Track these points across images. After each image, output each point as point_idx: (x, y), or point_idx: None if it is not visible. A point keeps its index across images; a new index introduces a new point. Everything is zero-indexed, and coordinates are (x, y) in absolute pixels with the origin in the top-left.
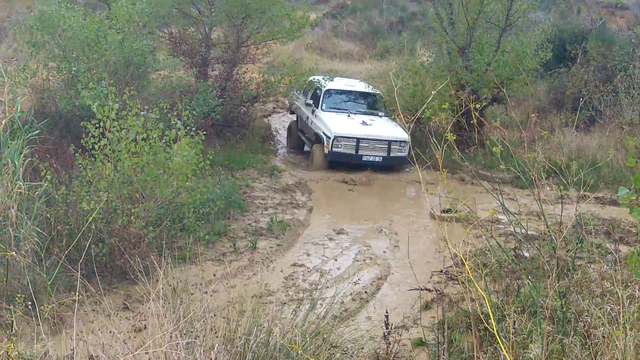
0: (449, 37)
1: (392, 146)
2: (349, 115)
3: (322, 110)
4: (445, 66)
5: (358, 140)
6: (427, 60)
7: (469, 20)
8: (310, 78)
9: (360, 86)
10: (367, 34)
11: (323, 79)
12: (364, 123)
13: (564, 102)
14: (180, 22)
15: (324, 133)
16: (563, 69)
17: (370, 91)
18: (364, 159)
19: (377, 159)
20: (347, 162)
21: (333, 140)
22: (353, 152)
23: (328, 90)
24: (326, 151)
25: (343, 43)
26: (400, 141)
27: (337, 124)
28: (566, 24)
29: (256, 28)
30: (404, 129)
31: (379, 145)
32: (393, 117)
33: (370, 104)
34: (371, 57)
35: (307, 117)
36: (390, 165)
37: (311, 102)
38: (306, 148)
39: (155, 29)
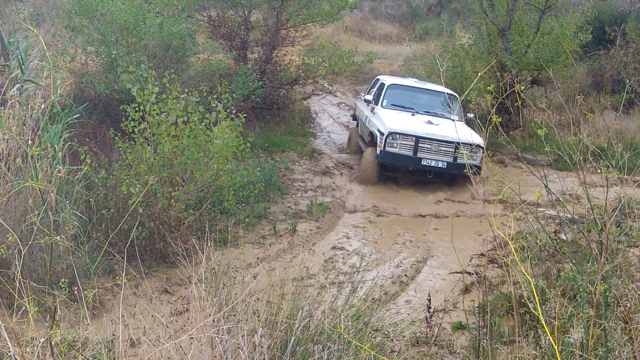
0: (489, 18)
1: (460, 151)
2: (412, 114)
3: (382, 107)
4: (485, 48)
5: (417, 139)
6: (467, 42)
7: (509, 2)
8: (379, 77)
9: (431, 85)
10: (405, 16)
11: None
12: (429, 122)
13: (603, 85)
14: (219, 5)
15: (378, 130)
16: (602, 51)
17: (443, 90)
18: (424, 163)
19: (440, 164)
20: (402, 165)
21: (386, 138)
22: (410, 153)
23: (392, 85)
24: (378, 151)
25: (382, 25)
26: (471, 145)
27: (394, 120)
28: (605, 6)
29: (295, 10)
30: (476, 132)
31: (444, 149)
32: (474, 123)
33: (442, 105)
34: (410, 40)
35: (366, 116)
36: (455, 175)
37: (370, 98)
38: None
39: (194, 12)
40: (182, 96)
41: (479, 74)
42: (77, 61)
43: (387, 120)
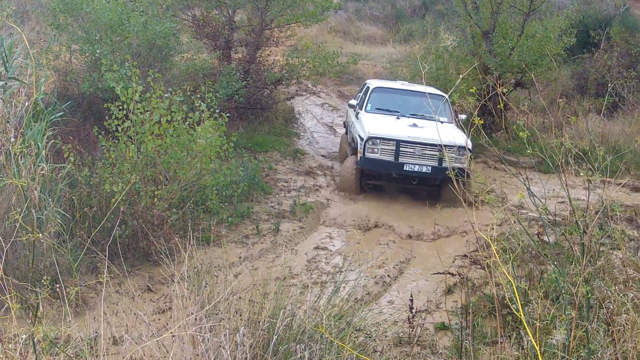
0: (473, 21)
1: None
2: (397, 118)
3: (366, 112)
4: (469, 50)
5: (398, 143)
6: (451, 44)
7: (493, 5)
8: (367, 82)
9: (419, 87)
10: (390, 17)
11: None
12: (413, 125)
13: (587, 88)
14: (204, 5)
15: (359, 135)
16: (586, 54)
17: (431, 92)
18: (406, 168)
19: (424, 169)
20: (384, 172)
21: (366, 143)
22: (392, 159)
23: (376, 89)
24: (358, 157)
25: (366, 26)
26: (457, 147)
27: (374, 124)
28: (590, 10)
29: (279, 11)
30: (464, 134)
31: (427, 152)
32: (464, 124)
33: (430, 107)
34: (394, 41)
35: (352, 122)
36: (442, 180)
37: (355, 103)
38: None
39: (178, 12)
40: (165, 95)
41: (462, 75)
42: (61, 59)
43: (368, 124)
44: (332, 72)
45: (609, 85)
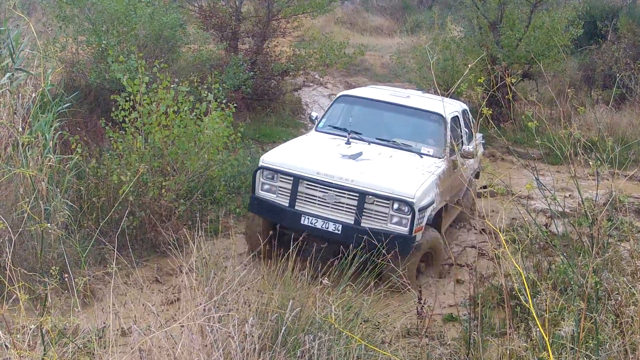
0: (480, 12)
1: (368, 205)
2: (347, 142)
3: (316, 131)
4: (476, 41)
5: (297, 181)
6: (458, 35)
7: None
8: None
9: (416, 98)
10: (397, 8)
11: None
12: (353, 156)
13: (594, 79)
14: None
15: None
16: (593, 45)
17: (425, 108)
18: (305, 222)
19: (330, 226)
20: (277, 221)
21: (255, 175)
22: (286, 203)
23: (341, 98)
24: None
25: (373, 17)
26: (392, 199)
27: (283, 148)
28: (597, 1)
29: (286, 1)
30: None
31: (342, 201)
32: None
33: (419, 131)
34: (401, 32)
35: None
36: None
37: (315, 116)
38: None
39: (185, 2)
40: (172, 86)
41: (469, 65)
42: (68, 50)
43: (278, 149)
44: (339, 63)
45: (617, 76)
